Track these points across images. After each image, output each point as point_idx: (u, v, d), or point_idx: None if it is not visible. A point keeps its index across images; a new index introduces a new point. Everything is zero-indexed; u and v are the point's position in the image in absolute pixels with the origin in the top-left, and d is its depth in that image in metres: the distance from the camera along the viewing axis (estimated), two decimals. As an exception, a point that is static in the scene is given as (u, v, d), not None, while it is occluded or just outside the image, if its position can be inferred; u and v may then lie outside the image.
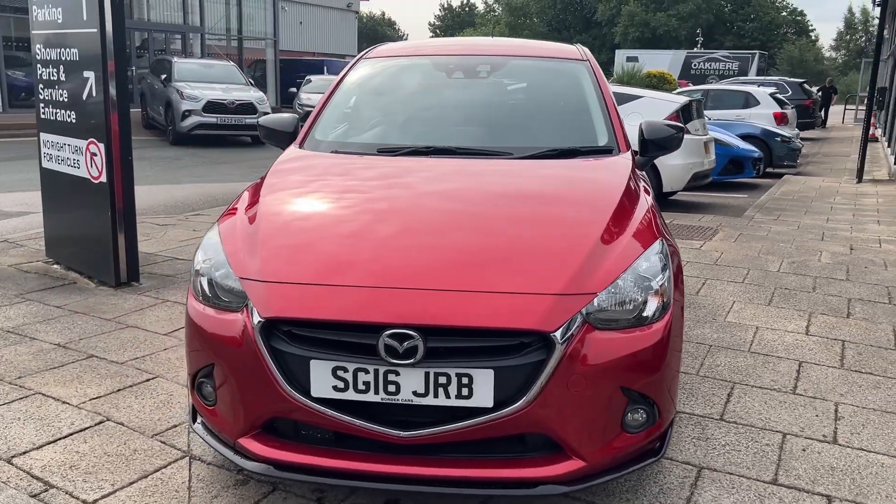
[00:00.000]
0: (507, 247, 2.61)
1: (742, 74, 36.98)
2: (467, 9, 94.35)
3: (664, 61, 38.92)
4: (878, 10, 12.69)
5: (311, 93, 21.79)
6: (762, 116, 14.57)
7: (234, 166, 12.90)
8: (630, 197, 2.96)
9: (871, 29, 79.26)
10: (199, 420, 2.71)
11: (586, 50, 4.28)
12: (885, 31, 31.29)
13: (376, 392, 2.29)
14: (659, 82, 22.93)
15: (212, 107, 15.71)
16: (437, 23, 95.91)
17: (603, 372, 2.34)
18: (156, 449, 2.95)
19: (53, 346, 3.97)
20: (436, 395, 2.28)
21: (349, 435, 2.39)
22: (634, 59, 39.43)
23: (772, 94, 15.86)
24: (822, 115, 26.64)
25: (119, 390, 3.45)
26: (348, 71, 4.06)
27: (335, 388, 2.29)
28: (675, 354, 2.60)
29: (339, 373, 2.28)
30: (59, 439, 2.99)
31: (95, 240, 5.11)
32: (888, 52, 26.26)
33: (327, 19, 37.14)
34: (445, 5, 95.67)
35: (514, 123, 3.71)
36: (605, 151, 3.42)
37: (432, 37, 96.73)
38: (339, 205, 2.95)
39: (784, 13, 74.11)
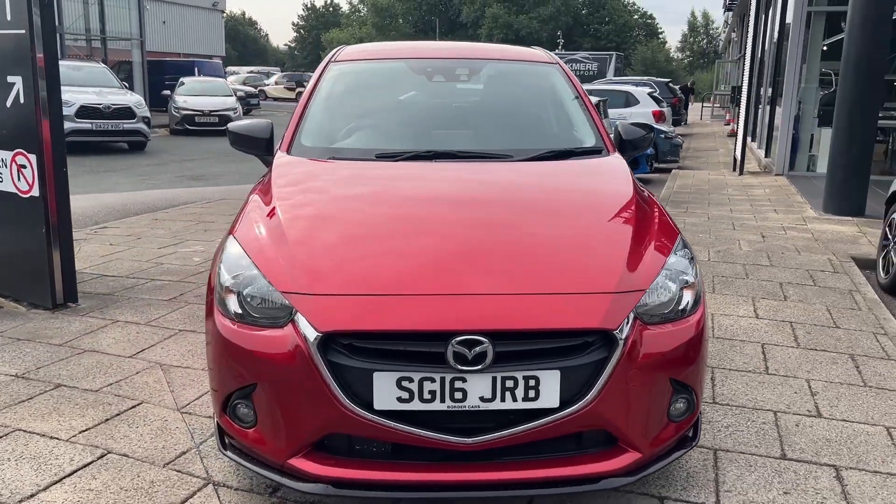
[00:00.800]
0: (550, 249, 2.65)
1: (601, 75, 38.76)
2: (331, 9, 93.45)
3: (531, 62, 39.98)
4: (752, 13, 13.63)
5: (187, 95, 20.86)
6: (642, 115, 15.36)
7: (121, 175, 12.16)
8: (640, 196, 3.08)
9: (711, 32, 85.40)
10: (226, 443, 2.58)
11: (551, 53, 4.39)
12: (734, 34, 33.68)
13: (442, 400, 2.27)
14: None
15: (85, 112, 14.73)
16: (300, 23, 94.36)
17: (655, 365, 2.43)
18: (174, 479, 2.77)
19: (11, 377, 3.63)
20: (503, 399, 2.29)
21: (406, 446, 2.35)
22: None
23: (650, 93, 16.78)
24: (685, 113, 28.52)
25: (107, 420, 3.20)
26: (321, 75, 3.95)
27: (400, 399, 2.25)
28: (705, 343, 2.74)
29: (405, 383, 2.24)
30: (64, 478, 2.75)
31: (24, 259, 4.70)
32: (738, 53, 28.45)
33: (192, 18, 35.68)
34: (309, 5, 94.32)
35: (506, 126, 3.76)
36: (596, 152, 3.53)
37: (297, 36, 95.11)
38: (370, 213, 2.89)
39: (636, 16, 78.46)
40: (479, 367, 2.23)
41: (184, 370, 3.76)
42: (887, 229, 5.76)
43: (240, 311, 2.44)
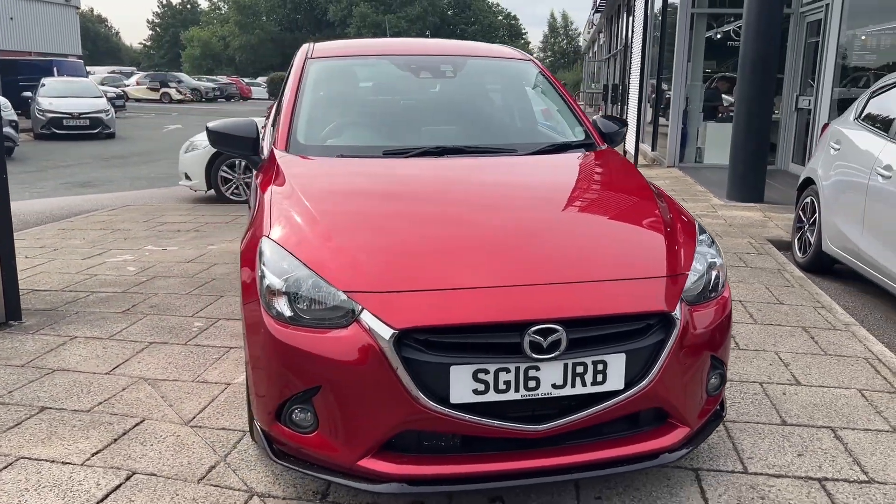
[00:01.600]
0: (597, 237, 2.75)
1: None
2: (189, 6, 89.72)
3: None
4: (640, 14, 14.30)
5: (51, 97, 19.41)
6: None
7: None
8: (652, 185, 3.24)
9: (570, 33, 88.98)
10: (277, 451, 2.50)
11: (522, 50, 4.50)
12: (601, 34, 35.29)
13: (517, 390, 2.31)
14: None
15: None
16: (156, 20, 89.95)
17: (701, 343, 2.59)
18: (215, 495, 2.65)
19: (-17, 403, 3.31)
20: (573, 385, 2.36)
21: (476, 438, 2.38)
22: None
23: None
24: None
25: (116, 440, 3.00)
26: (302, 72, 3.85)
27: (475, 391, 2.28)
28: (731, 320, 2.93)
29: (481, 375, 2.27)
30: (99, 503, 2.56)
31: (-42, 275, 4.27)
32: (607, 53, 29.84)
33: (44, 15, 33.21)
34: (165, 2, 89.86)
35: (501, 121, 3.82)
36: (588, 145, 3.67)
37: (153, 34, 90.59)
38: (407, 209, 2.88)
39: (500, 17, 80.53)
40: (553, 355, 2.29)
41: (172, 383, 3.57)
42: (801, 213, 6.29)
43: (291, 313, 2.37)
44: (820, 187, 5.85)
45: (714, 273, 2.75)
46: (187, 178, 9.18)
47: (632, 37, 17.86)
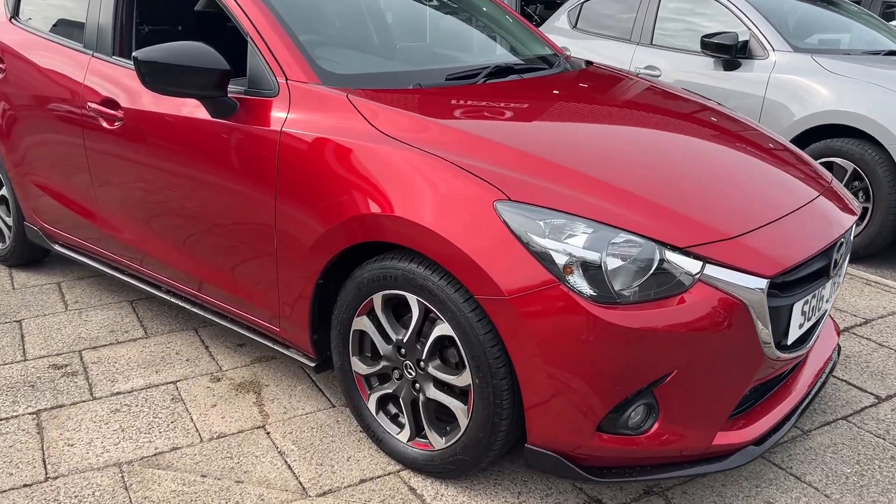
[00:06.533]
0: (770, 153, 2.60)
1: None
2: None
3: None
4: None
5: None
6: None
7: None
8: None
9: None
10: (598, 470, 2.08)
11: None
12: None
13: (816, 313, 2.26)
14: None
15: None
16: None
17: None
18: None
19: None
20: (830, 298, 2.37)
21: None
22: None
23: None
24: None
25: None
26: None
27: (800, 326, 2.16)
28: None
29: (805, 308, 2.15)
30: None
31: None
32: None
33: None
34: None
35: (500, 37, 3.48)
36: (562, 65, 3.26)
37: None
38: (625, 144, 2.38)
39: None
40: (836, 270, 2.29)
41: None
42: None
43: (594, 291, 1.87)
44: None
45: None
46: None
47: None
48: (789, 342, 2.13)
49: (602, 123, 2.55)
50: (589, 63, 3.39)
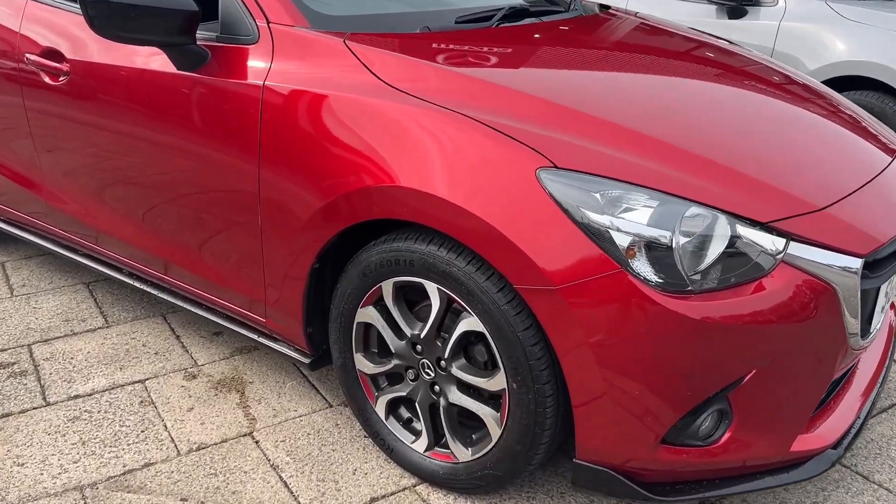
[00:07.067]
0: (838, 114, 2.24)
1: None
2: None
3: None
4: None
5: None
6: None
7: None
8: None
9: None
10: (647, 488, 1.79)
11: None
12: None
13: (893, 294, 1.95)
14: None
15: None
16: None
17: None
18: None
19: None
20: None
21: None
22: None
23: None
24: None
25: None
26: None
27: (882, 309, 1.87)
28: None
29: (888, 288, 1.86)
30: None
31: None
32: None
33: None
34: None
35: None
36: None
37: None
38: (665, 100, 2.02)
39: None
40: None
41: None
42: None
43: (661, 278, 1.57)
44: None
45: None
46: None
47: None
48: (871, 329, 1.83)
49: (648, 74, 2.19)
50: (604, 7, 3.00)
